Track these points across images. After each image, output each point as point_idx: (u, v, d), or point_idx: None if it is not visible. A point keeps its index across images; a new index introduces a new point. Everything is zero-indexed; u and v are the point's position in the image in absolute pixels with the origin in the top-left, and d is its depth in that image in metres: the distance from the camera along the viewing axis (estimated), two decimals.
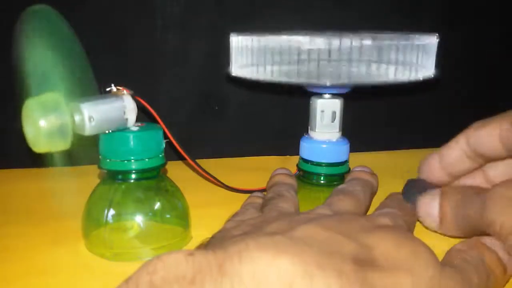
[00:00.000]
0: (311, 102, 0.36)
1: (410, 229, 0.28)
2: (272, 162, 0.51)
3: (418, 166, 0.34)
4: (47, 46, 0.28)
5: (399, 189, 0.34)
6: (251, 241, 0.18)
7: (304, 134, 0.38)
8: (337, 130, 0.36)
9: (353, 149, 0.37)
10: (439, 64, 0.35)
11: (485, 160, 0.31)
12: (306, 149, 0.37)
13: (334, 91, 0.36)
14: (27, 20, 0.29)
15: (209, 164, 0.39)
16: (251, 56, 0.35)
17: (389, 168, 0.51)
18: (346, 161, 0.37)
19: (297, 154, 0.52)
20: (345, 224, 0.22)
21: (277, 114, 0.53)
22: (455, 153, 0.31)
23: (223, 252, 0.18)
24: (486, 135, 0.29)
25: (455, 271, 0.23)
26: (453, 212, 0.29)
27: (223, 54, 0.49)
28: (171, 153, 0.35)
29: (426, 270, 0.21)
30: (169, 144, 0.34)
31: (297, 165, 0.38)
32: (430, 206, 0.30)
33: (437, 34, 0.34)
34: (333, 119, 0.36)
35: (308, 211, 0.26)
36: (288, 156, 0.53)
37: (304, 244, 0.19)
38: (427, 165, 0.33)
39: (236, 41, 0.37)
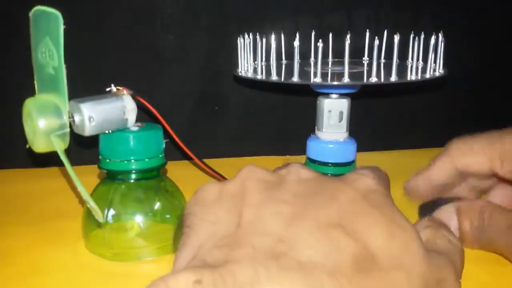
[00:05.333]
0: (318, 102, 0.36)
1: (386, 187, 0.27)
2: (272, 162, 0.51)
3: (404, 187, 0.36)
4: (47, 46, 0.28)
5: (399, 189, 0.34)
6: (261, 270, 0.19)
7: (311, 134, 0.37)
8: (344, 130, 0.36)
9: None
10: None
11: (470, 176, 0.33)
12: (313, 149, 0.37)
13: (342, 91, 0.35)
14: (29, 20, 0.29)
15: (209, 164, 0.39)
16: (257, 56, 0.35)
17: (389, 168, 0.51)
18: (353, 161, 0.37)
19: (297, 154, 0.52)
20: (335, 207, 0.22)
21: (277, 114, 0.53)
22: (443, 175, 0.34)
23: (232, 281, 0.18)
24: (475, 163, 0.32)
25: (442, 257, 0.23)
26: (473, 233, 0.30)
27: (223, 54, 0.49)
28: (171, 153, 0.35)
29: (418, 264, 0.21)
30: (171, 143, 0.34)
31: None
32: (448, 223, 0.30)
33: (440, 31, 0.34)
34: (340, 119, 0.36)
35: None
36: (288, 156, 0.53)
37: (310, 265, 0.19)
38: (415, 188, 0.35)
39: (243, 41, 0.37)
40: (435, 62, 0.35)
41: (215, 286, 0.18)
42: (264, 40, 0.36)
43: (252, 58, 0.38)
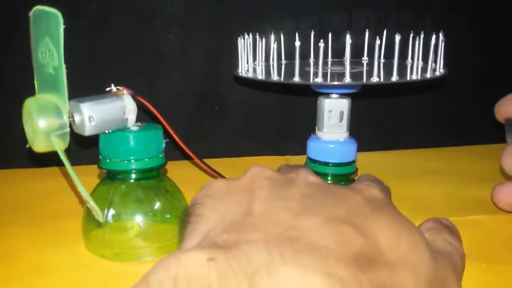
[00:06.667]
0: (318, 102, 0.36)
1: (389, 198, 0.28)
2: (272, 162, 0.51)
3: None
4: (47, 46, 0.28)
5: (399, 189, 0.34)
6: (275, 252, 0.18)
7: (312, 134, 0.37)
8: (345, 130, 0.36)
9: None
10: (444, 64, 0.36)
11: None
12: (313, 149, 0.37)
13: (342, 91, 0.35)
14: (29, 20, 0.29)
15: (209, 164, 0.39)
16: (257, 56, 0.35)
17: (389, 168, 0.51)
18: (353, 161, 0.37)
19: (297, 154, 0.52)
20: (344, 208, 0.22)
21: (277, 114, 0.53)
22: None
23: (247, 262, 0.18)
24: None
25: (444, 258, 0.23)
26: None
27: (223, 54, 0.49)
28: (171, 153, 0.35)
29: (424, 264, 0.21)
30: (171, 143, 0.34)
31: (303, 165, 0.38)
32: None
33: (441, 31, 0.34)
34: (341, 119, 0.36)
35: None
36: (288, 156, 0.53)
37: (323, 250, 0.19)
38: None
39: (243, 42, 0.37)
40: (435, 61, 0.35)
41: (229, 265, 0.18)
42: (264, 40, 0.36)
43: (252, 58, 0.38)
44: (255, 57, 0.37)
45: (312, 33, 0.40)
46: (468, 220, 0.37)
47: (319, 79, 0.32)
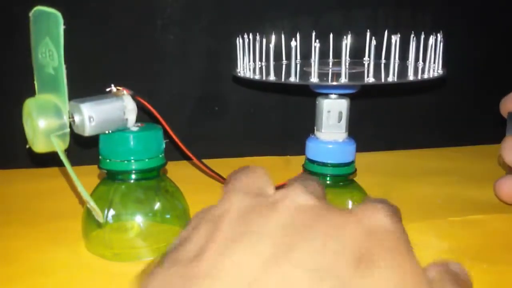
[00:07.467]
0: (317, 102, 0.36)
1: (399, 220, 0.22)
2: (272, 162, 0.51)
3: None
4: (47, 46, 0.28)
5: (400, 189, 0.34)
6: None
7: (310, 135, 0.37)
8: (344, 130, 0.36)
9: None
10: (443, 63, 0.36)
11: None
12: (312, 149, 0.37)
13: (341, 91, 0.35)
14: (29, 20, 0.29)
15: (209, 164, 0.39)
16: (256, 56, 0.35)
17: (389, 168, 0.51)
18: (352, 162, 0.37)
19: (297, 154, 0.52)
20: (333, 251, 0.17)
21: (277, 114, 0.53)
22: None
23: None
24: None
25: None
26: None
27: (223, 54, 0.49)
28: (171, 153, 0.35)
29: None
30: (171, 144, 0.34)
31: (302, 165, 0.38)
32: None
33: (440, 31, 0.34)
34: (340, 120, 0.36)
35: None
36: (288, 156, 0.53)
37: None
38: None
39: (242, 42, 0.37)
40: (434, 62, 0.35)
41: None
42: (264, 40, 0.36)
43: (252, 58, 0.38)
44: (254, 57, 0.37)
45: (313, 33, 0.40)
46: (468, 220, 0.37)
47: (315, 79, 0.32)
